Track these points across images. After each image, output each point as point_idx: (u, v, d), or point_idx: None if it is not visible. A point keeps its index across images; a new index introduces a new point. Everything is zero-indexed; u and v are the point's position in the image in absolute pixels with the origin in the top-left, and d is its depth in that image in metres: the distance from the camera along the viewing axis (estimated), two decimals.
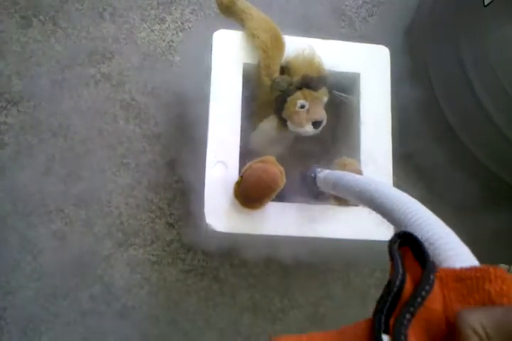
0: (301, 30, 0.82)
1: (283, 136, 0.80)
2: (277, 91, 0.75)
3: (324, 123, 0.75)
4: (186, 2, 1.09)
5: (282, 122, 0.78)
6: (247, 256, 0.96)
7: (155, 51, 1.05)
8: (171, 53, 1.05)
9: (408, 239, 0.29)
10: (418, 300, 0.25)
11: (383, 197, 0.40)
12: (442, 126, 0.96)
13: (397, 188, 0.42)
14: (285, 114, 0.76)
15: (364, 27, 1.14)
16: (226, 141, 0.75)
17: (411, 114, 1.01)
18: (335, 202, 0.76)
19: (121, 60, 1.03)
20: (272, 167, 0.68)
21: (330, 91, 0.78)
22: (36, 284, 0.92)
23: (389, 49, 0.83)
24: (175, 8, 1.08)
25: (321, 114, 0.74)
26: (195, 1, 1.09)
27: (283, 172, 0.68)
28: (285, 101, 0.75)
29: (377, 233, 0.73)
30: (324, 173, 0.63)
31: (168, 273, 0.96)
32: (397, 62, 0.85)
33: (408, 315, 0.24)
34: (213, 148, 0.74)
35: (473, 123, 0.91)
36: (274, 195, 0.69)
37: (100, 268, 0.94)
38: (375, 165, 0.78)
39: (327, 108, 0.77)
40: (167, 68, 1.05)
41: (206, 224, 0.71)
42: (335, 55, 0.81)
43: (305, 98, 0.74)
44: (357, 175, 0.53)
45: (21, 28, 1.02)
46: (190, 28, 1.08)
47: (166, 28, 1.07)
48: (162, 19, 1.07)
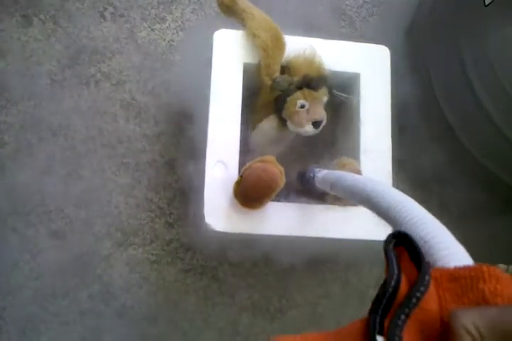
0: (302, 30, 0.82)
1: (283, 135, 0.80)
2: (277, 91, 0.75)
3: (324, 123, 0.75)
4: (187, 1, 1.09)
5: (282, 122, 0.77)
6: (246, 255, 0.96)
7: (155, 50, 1.05)
8: (171, 53, 1.05)
9: (403, 239, 0.29)
10: (413, 301, 0.25)
11: (380, 197, 0.40)
12: (442, 126, 0.96)
13: (395, 188, 0.42)
14: (285, 114, 0.76)
15: (364, 27, 1.14)
16: (226, 141, 0.75)
17: (411, 113, 1.01)
18: (334, 202, 0.76)
19: (122, 59, 1.03)
20: (272, 167, 0.68)
21: (330, 91, 0.78)
22: (35, 284, 0.92)
23: (389, 49, 0.83)
24: (175, 8, 1.08)
25: (321, 114, 0.74)
26: (196, 0, 1.09)
27: (283, 172, 0.68)
28: (285, 101, 0.75)
29: (376, 233, 0.73)
30: (323, 173, 0.63)
31: (167, 273, 0.96)
32: (397, 62, 0.85)
33: (403, 316, 0.24)
34: (213, 148, 0.74)
35: (473, 123, 0.91)
36: (273, 194, 0.69)
37: (99, 268, 0.94)
38: (375, 164, 0.78)
39: (327, 108, 0.77)
40: (167, 68, 1.04)
41: (206, 223, 0.71)
42: (335, 55, 0.81)
43: (305, 98, 0.73)
44: (355, 174, 0.53)
45: (22, 27, 1.02)
46: (190, 27, 1.08)
47: (167, 27, 1.07)
48: (162, 18, 1.07)
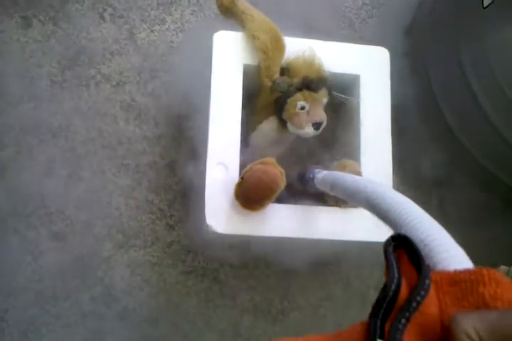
0: (301, 32, 0.82)
1: (283, 137, 0.80)
2: (277, 93, 0.75)
3: (324, 124, 0.75)
4: (186, 3, 1.09)
5: (282, 123, 0.77)
6: (248, 257, 0.96)
7: (155, 52, 1.05)
8: (171, 54, 1.05)
9: (403, 241, 0.29)
10: (413, 305, 0.25)
11: (380, 198, 0.40)
12: (441, 127, 0.96)
13: (395, 190, 0.42)
14: (285, 116, 0.76)
15: (364, 28, 1.13)
16: (226, 143, 0.75)
17: (410, 114, 1.01)
18: (335, 203, 0.76)
19: (122, 60, 1.03)
20: (273, 168, 0.68)
21: (330, 92, 0.78)
22: (37, 286, 0.92)
23: (388, 50, 0.83)
24: (175, 9, 1.08)
25: (321, 116, 0.74)
26: (195, 2, 1.09)
27: (283, 173, 0.68)
28: (285, 103, 0.75)
29: (377, 234, 0.73)
30: (322, 174, 0.63)
31: (168, 275, 0.96)
32: (396, 63, 0.85)
33: (403, 320, 0.24)
34: (214, 150, 0.74)
35: (472, 124, 0.91)
36: (274, 196, 0.69)
37: (100, 270, 0.94)
38: (375, 166, 0.78)
39: (327, 109, 0.77)
40: (167, 69, 1.04)
41: (207, 225, 0.71)
42: (335, 57, 0.81)
43: (305, 99, 0.73)
44: (355, 176, 0.53)
45: (21, 28, 1.02)
46: (190, 29, 1.08)
47: (166, 28, 1.07)
48: (162, 20, 1.07)
